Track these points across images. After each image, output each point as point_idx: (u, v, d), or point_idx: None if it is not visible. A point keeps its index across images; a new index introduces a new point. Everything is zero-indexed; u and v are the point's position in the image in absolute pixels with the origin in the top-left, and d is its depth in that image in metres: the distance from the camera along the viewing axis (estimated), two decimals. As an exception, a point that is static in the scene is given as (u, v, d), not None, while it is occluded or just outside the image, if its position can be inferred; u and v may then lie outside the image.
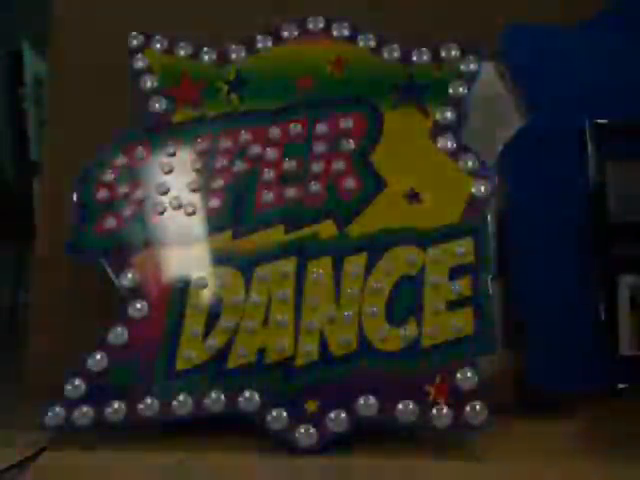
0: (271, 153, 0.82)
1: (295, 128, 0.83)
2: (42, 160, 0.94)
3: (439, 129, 0.81)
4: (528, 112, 0.85)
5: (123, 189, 0.82)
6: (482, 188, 0.78)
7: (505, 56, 0.87)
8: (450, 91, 0.82)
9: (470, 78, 0.83)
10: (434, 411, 0.70)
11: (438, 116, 0.82)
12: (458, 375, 0.71)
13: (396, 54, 0.85)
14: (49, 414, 0.73)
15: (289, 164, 0.82)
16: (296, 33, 0.87)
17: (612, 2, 0.87)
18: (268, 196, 0.81)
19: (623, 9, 0.87)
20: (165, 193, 0.82)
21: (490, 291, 0.75)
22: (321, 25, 0.87)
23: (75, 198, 0.82)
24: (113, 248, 0.80)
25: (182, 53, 0.87)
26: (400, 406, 0.70)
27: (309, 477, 0.69)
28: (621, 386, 0.78)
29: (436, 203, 0.79)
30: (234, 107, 0.85)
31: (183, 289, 0.78)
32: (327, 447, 0.70)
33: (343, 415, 0.71)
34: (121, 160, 0.83)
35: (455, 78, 0.83)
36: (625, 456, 0.70)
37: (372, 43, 0.85)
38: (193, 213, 0.81)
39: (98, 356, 0.75)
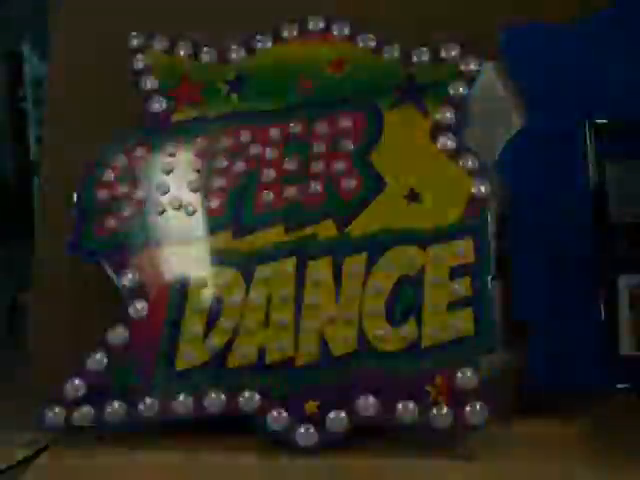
0: (271, 153, 0.82)
1: (295, 128, 0.83)
2: (42, 160, 0.94)
3: (439, 129, 0.81)
4: (528, 112, 0.85)
5: (123, 189, 0.82)
6: (482, 188, 0.78)
7: (505, 56, 0.87)
8: (450, 91, 0.82)
9: (470, 78, 0.83)
10: (434, 411, 0.70)
11: (438, 116, 0.82)
12: (458, 375, 0.71)
13: (396, 54, 0.85)
14: (49, 414, 0.73)
15: (289, 164, 0.82)
16: (296, 33, 0.87)
17: (612, 1, 0.86)
18: (268, 196, 0.81)
19: (623, 8, 0.87)
20: (165, 193, 0.82)
21: (490, 291, 0.75)
22: (321, 25, 0.87)
23: (75, 198, 0.82)
24: (113, 248, 0.80)
25: (182, 53, 0.87)
26: (400, 406, 0.70)
27: (309, 477, 0.69)
28: (621, 386, 0.78)
29: (436, 203, 0.79)
30: (234, 107, 0.85)
31: (183, 289, 0.78)
32: (327, 447, 0.70)
33: (343, 415, 0.71)
34: (121, 160, 0.84)
35: (455, 78, 0.83)
36: (625, 456, 0.70)
37: (372, 43, 0.85)
38: (193, 213, 0.81)
39: (98, 356, 0.76)
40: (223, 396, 0.73)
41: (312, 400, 0.72)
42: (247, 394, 0.73)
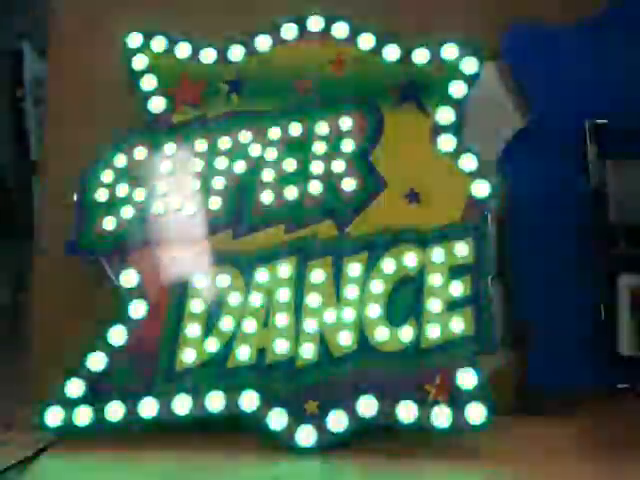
0: (271, 153, 0.82)
1: (295, 128, 0.83)
2: (42, 160, 0.94)
3: (439, 129, 0.81)
4: (528, 112, 0.85)
5: (123, 189, 0.82)
6: (482, 188, 0.78)
7: (505, 56, 0.87)
8: (450, 91, 0.82)
9: (470, 78, 0.83)
10: (434, 411, 0.70)
11: (438, 116, 0.82)
12: (458, 375, 0.71)
13: (396, 54, 0.85)
14: (49, 414, 0.73)
15: (289, 164, 0.82)
16: (296, 33, 0.87)
17: (612, 2, 0.87)
18: (268, 196, 0.81)
19: (623, 9, 0.87)
20: (165, 193, 0.82)
21: (490, 291, 0.75)
22: (321, 25, 0.87)
23: (75, 198, 0.82)
24: (113, 248, 0.80)
25: (182, 53, 0.87)
26: (400, 406, 0.70)
27: (309, 477, 0.69)
28: (621, 386, 0.78)
29: (436, 203, 0.79)
30: (234, 107, 0.85)
31: (183, 289, 0.78)
32: (327, 447, 0.71)
33: (343, 415, 0.71)
34: (121, 160, 0.83)
35: (455, 78, 0.83)
36: (625, 456, 0.70)
37: (372, 43, 0.85)
38: (193, 213, 0.81)
39: (98, 356, 0.76)
40: (223, 396, 0.73)
41: (312, 400, 0.72)
42: (247, 394, 0.73)
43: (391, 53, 0.84)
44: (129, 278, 0.79)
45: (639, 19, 0.86)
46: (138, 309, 0.78)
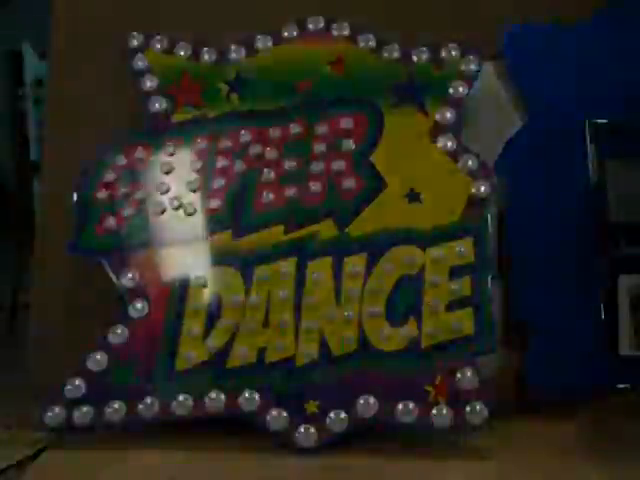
0: (271, 153, 0.82)
1: (295, 128, 0.83)
2: (42, 160, 0.94)
3: (439, 129, 0.81)
4: (528, 112, 0.85)
5: (123, 189, 0.82)
6: (482, 188, 0.79)
7: (505, 56, 0.87)
8: (450, 91, 0.82)
9: (470, 78, 0.83)
10: (434, 411, 0.70)
11: (438, 116, 0.82)
12: (458, 375, 0.71)
13: (396, 54, 0.85)
14: (49, 414, 0.73)
15: (289, 164, 0.82)
16: (296, 33, 0.87)
17: (612, 2, 0.87)
18: (268, 196, 0.81)
19: (622, 9, 0.87)
20: (165, 193, 0.82)
21: (490, 291, 0.75)
22: (321, 25, 0.87)
23: (75, 198, 0.82)
24: (113, 248, 0.80)
25: (182, 53, 0.87)
26: (400, 406, 0.70)
27: (309, 477, 0.69)
28: (621, 386, 0.78)
29: (436, 203, 0.79)
30: (234, 107, 0.85)
31: (183, 289, 0.78)
32: (327, 447, 0.71)
33: (343, 415, 0.71)
34: (121, 160, 0.84)
35: (455, 78, 0.83)
36: (625, 456, 0.70)
37: (372, 43, 0.85)
38: (193, 213, 0.81)
39: (98, 356, 0.75)
40: (223, 396, 0.73)
41: (312, 400, 0.72)
42: (247, 394, 0.73)
43: (391, 53, 0.85)
44: (129, 278, 0.79)
45: (639, 19, 0.86)
46: (138, 309, 0.78)
